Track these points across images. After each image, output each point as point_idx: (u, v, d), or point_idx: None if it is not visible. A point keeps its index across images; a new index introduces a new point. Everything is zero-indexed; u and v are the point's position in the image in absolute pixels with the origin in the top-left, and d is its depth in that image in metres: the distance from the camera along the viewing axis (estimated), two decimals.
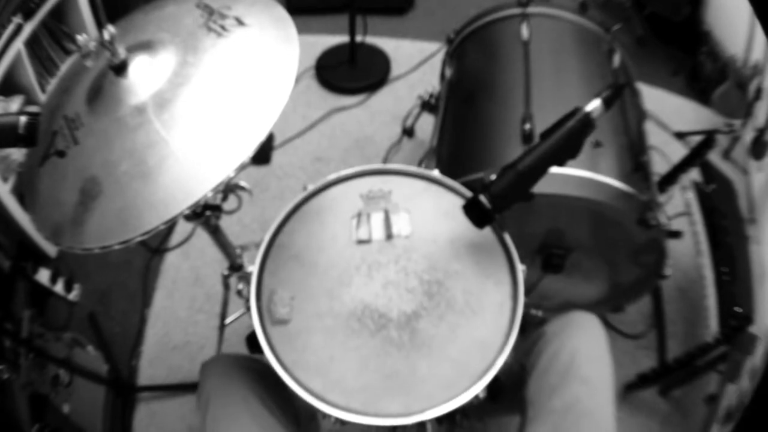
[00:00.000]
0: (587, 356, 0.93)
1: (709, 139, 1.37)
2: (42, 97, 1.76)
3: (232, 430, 0.90)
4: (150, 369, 1.65)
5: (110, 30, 0.78)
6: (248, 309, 0.91)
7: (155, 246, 1.88)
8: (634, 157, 1.27)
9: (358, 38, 2.39)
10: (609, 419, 0.89)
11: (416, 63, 2.46)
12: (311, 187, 1.03)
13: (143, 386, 1.61)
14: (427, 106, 1.86)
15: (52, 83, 1.84)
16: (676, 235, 1.32)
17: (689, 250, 1.66)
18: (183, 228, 1.91)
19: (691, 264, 1.67)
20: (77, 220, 0.78)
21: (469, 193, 0.97)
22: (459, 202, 0.96)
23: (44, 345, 1.47)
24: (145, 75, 0.82)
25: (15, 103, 1.66)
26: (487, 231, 0.95)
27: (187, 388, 1.59)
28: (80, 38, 0.78)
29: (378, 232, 0.97)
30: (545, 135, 0.87)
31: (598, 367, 0.94)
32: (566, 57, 1.45)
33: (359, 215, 0.99)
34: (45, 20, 1.79)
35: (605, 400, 0.90)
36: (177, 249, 1.90)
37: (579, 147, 0.88)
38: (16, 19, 1.64)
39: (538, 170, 0.86)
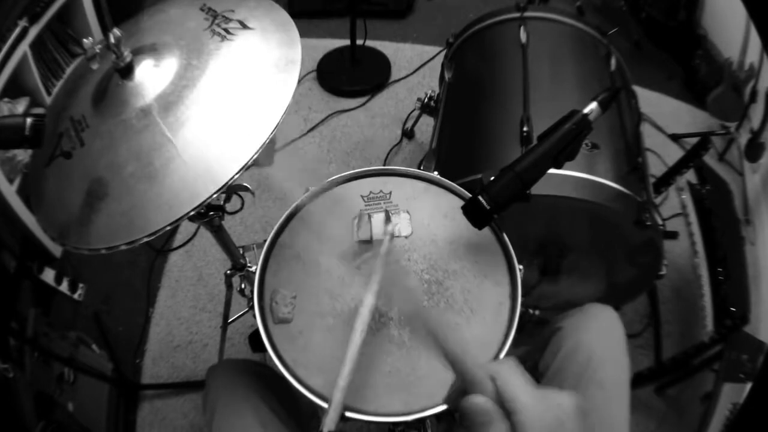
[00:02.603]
0: (604, 357, 0.90)
1: (704, 141, 1.39)
2: (47, 99, 1.77)
3: None
4: (154, 367, 1.66)
5: (116, 33, 0.78)
6: (251, 308, 0.92)
7: (159, 246, 1.90)
8: (630, 158, 1.28)
9: (359, 42, 2.41)
10: (624, 425, 0.87)
11: (416, 66, 2.47)
12: (313, 189, 1.04)
13: (147, 384, 1.63)
14: (426, 108, 1.88)
15: (58, 85, 1.85)
16: (672, 235, 1.33)
17: (685, 250, 1.67)
18: (186, 228, 1.93)
19: (686, 264, 1.68)
20: (83, 220, 0.78)
21: (468, 194, 0.98)
22: (458, 203, 0.97)
23: (49, 344, 1.47)
24: (150, 78, 0.82)
25: (21, 105, 1.68)
26: (486, 231, 0.96)
27: (191, 386, 1.60)
28: (86, 42, 0.79)
29: (379, 232, 0.97)
30: (543, 137, 0.88)
31: (615, 370, 0.91)
32: (564, 60, 1.46)
33: (360, 216, 1.00)
34: (50, 23, 1.80)
35: (621, 406, 0.88)
36: (180, 249, 1.92)
37: (576, 149, 0.90)
38: (22, 23, 1.65)
39: (536, 172, 0.87)
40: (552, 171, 0.89)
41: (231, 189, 1.04)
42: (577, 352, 0.92)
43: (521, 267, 0.93)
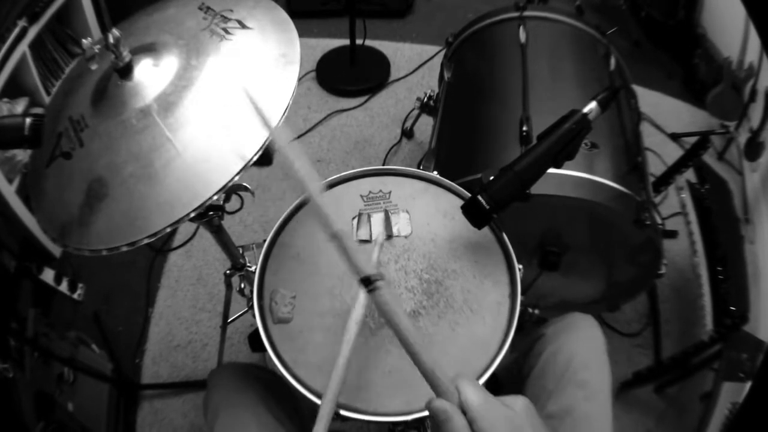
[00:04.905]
0: (584, 360, 0.93)
1: (703, 140, 1.39)
2: (46, 99, 1.77)
3: None
4: (153, 367, 1.66)
5: (115, 33, 0.77)
6: (250, 308, 0.92)
7: (159, 246, 1.89)
8: (629, 158, 1.29)
9: (358, 41, 2.41)
10: (606, 423, 0.89)
11: (415, 66, 2.47)
12: None
13: (147, 384, 1.62)
14: (426, 108, 1.87)
15: (57, 85, 1.85)
16: (671, 234, 1.33)
17: (684, 249, 1.67)
18: (186, 228, 1.93)
19: (686, 263, 1.68)
20: (84, 221, 0.77)
21: (467, 194, 0.98)
22: (458, 203, 0.97)
23: (49, 344, 1.47)
24: (149, 78, 0.82)
25: (20, 105, 1.68)
26: (486, 231, 0.96)
27: (190, 386, 1.60)
28: (85, 42, 0.78)
29: (378, 232, 0.98)
30: (542, 136, 0.88)
31: (595, 371, 0.93)
32: (563, 60, 1.46)
33: (360, 215, 1.00)
34: (49, 23, 1.80)
35: (602, 405, 0.90)
36: (180, 249, 1.91)
37: (576, 148, 0.90)
38: (21, 23, 1.65)
39: (536, 171, 0.87)
40: (551, 170, 0.89)
41: (231, 189, 1.04)
42: (558, 355, 0.94)
43: (521, 267, 0.93)
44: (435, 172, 1.05)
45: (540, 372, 0.95)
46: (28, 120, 0.80)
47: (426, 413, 0.78)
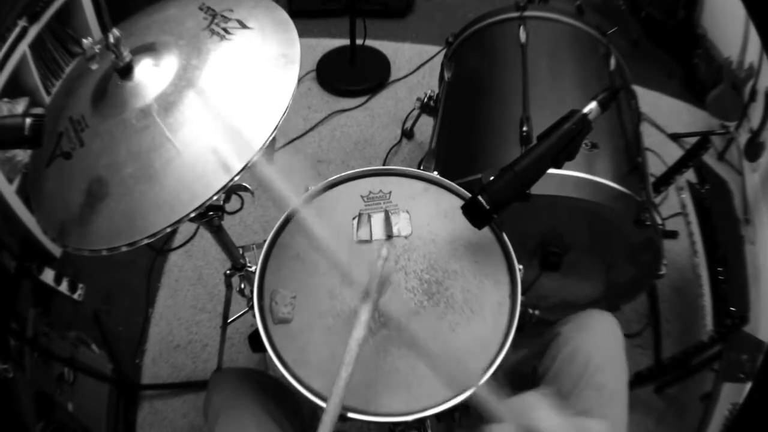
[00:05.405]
0: (602, 361, 0.91)
1: (703, 140, 1.39)
2: (47, 99, 1.77)
3: None
4: (153, 367, 1.66)
5: (115, 33, 0.77)
6: (250, 308, 0.92)
7: (159, 246, 1.89)
8: (630, 158, 1.28)
9: (359, 41, 2.41)
10: (622, 427, 0.88)
11: (416, 66, 2.47)
12: (313, 188, 1.04)
13: (147, 384, 1.62)
14: (426, 108, 1.87)
15: (57, 85, 1.85)
16: (671, 235, 1.33)
17: (685, 250, 1.66)
18: (186, 228, 1.93)
19: (686, 263, 1.68)
20: (84, 221, 0.77)
21: (467, 194, 0.98)
22: (458, 203, 0.97)
23: (49, 344, 1.47)
24: (149, 78, 0.82)
25: (20, 105, 1.68)
26: (486, 231, 0.96)
27: (190, 386, 1.60)
28: (85, 41, 0.78)
29: (378, 232, 0.98)
30: (542, 137, 0.88)
31: (613, 373, 0.92)
32: (563, 60, 1.46)
33: (360, 216, 1.00)
34: (50, 23, 1.80)
35: (619, 409, 0.89)
36: (180, 249, 1.91)
37: (576, 148, 0.90)
38: (22, 22, 1.65)
39: (536, 171, 0.87)
40: (551, 171, 0.89)
41: (231, 189, 1.04)
42: (575, 356, 0.92)
43: (521, 267, 0.93)
44: (435, 173, 1.05)
45: (556, 374, 0.94)
46: (28, 120, 0.80)
47: (426, 413, 0.78)
